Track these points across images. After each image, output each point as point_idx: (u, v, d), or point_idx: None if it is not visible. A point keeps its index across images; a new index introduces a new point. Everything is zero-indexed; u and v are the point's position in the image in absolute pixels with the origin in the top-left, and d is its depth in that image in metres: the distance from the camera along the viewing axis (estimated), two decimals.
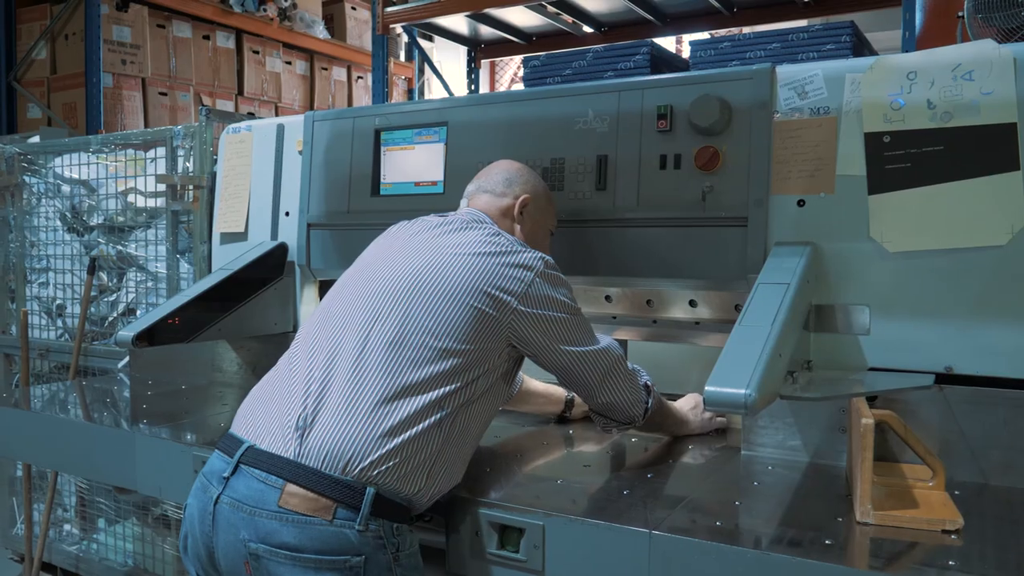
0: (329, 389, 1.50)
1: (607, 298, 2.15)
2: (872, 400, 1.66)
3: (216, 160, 2.83)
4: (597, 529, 1.39)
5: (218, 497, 1.47)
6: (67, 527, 3.38)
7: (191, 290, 2.33)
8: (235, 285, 2.42)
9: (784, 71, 1.81)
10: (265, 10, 6.78)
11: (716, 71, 1.90)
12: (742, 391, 1.35)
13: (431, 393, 1.47)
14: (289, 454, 1.44)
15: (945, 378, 1.66)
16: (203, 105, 2.75)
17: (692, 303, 2.04)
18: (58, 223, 3.29)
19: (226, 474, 1.47)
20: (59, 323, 3.35)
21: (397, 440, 1.43)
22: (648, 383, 1.77)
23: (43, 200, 3.30)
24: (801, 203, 1.79)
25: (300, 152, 2.53)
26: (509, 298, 1.55)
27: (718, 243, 1.88)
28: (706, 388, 1.38)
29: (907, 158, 1.68)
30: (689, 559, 1.31)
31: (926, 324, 1.67)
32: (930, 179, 1.66)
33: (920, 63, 1.68)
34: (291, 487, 1.41)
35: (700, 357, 2.12)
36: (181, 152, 2.88)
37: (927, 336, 1.67)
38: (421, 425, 1.45)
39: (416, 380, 1.47)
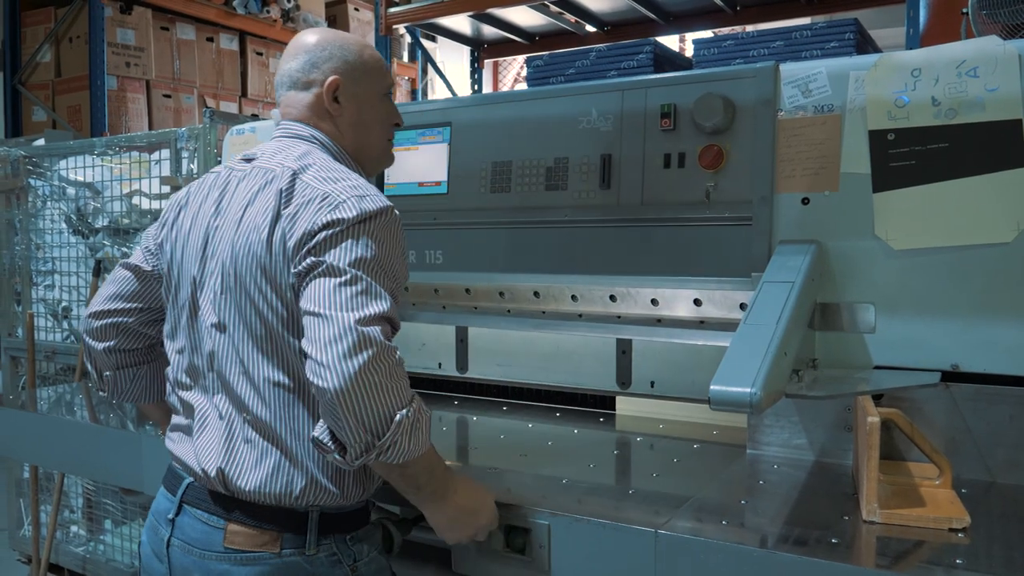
0: (228, 416, 1.44)
1: (611, 297, 2.14)
2: (878, 398, 1.65)
3: (220, 162, 2.84)
4: (603, 529, 1.39)
5: (168, 540, 1.44)
6: (74, 528, 3.38)
7: None
8: None
9: (788, 69, 1.80)
10: (268, 12, 6.79)
11: (719, 69, 1.90)
12: (747, 390, 1.35)
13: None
14: (217, 488, 1.40)
15: (951, 376, 1.65)
16: (207, 107, 2.75)
17: (697, 302, 2.03)
18: (63, 225, 3.30)
19: (171, 515, 1.44)
20: (65, 325, 3.36)
21: (321, 459, 1.37)
22: None
23: (48, 203, 3.31)
24: (805, 201, 1.78)
25: None
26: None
27: (722, 241, 1.87)
28: (711, 387, 1.38)
29: (912, 155, 1.68)
30: (695, 558, 1.30)
31: (932, 322, 1.66)
32: (935, 176, 1.65)
33: (924, 60, 1.67)
34: (233, 526, 1.38)
35: (706, 356, 2.12)
36: (185, 154, 2.88)
37: (933, 334, 1.66)
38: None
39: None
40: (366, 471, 1.42)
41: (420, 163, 2.30)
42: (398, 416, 1.25)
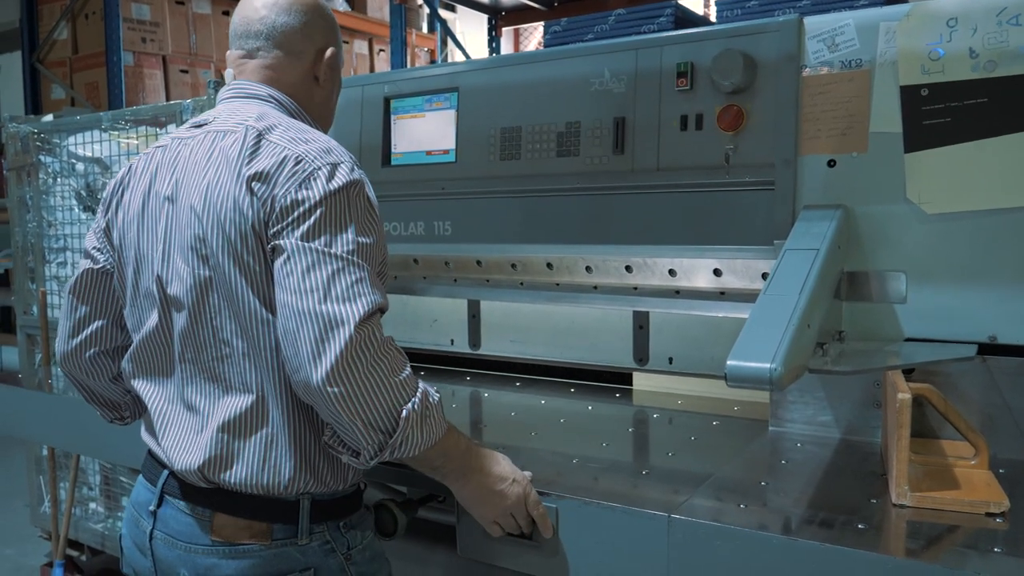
0: (203, 407, 1.36)
1: (627, 268, 2.05)
2: (909, 373, 1.56)
3: None
4: (613, 512, 1.31)
5: (151, 533, 1.37)
6: (92, 505, 3.38)
7: None
8: None
9: (812, 22, 1.69)
10: None
11: (739, 24, 1.78)
12: (766, 365, 1.26)
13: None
14: (200, 481, 1.32)
15: (988, 348, 1.55)
16: (212, 79, 2.67)
17: (717, 272, 1.93)
18: (74, 202, 3.26)
19: (152, 507, 1.37)
20: None
21: (310, 444, 1.32)
22: None
23: (59, 179, 3.27)
24: (832, 163, 1.67)
25: None
26: None
27: (743, 208, 1.77)
28: (728, 362, 1.29)
29: (947, 112, 1.56)
30: (710, 544, 1.22)
31: (967, 291, 1.55)
32: (972, 134, 1.54)
33: (961, 8, 1.55)
34: (220, 517, 1.31)
35: (727, 330, 2.02)
36: None
37: (968, 303, 1.56)
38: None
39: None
40: None
41: (427, 131, 2.21)
42: (404, 411, 1.20)
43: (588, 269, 2.10)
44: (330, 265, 1.21)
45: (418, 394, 1.23)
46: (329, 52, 1.48)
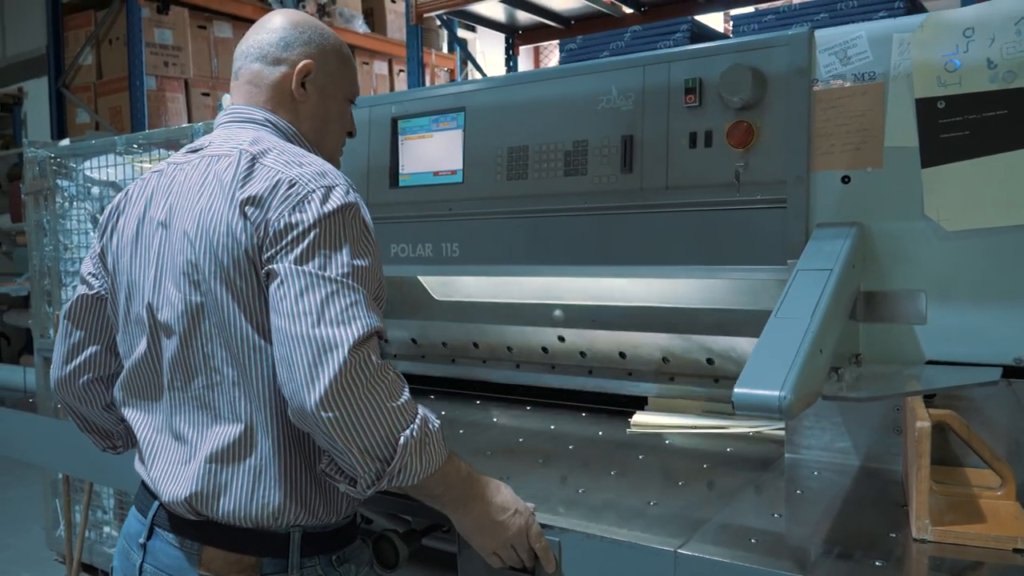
0: (191, 437, 1.32)
1: (620, 354, 2.01)
2: (930, 398, 1.49)
3: None
4: (618, 547, 1.25)
5: (141, 566, 1.32)
6: (107, 529, 3.37)
7: None
8: None
9: (824, 35, 1.64)
10: (304, 6, 6.74)
11: (748, 39, 1.74)
12: (775, 393, 1.20)
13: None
14: (188, 513, 1.28)
15: (1014, 371, 1.48)
16: (220, 100, 2.67)
17: (710, 361, 1.89)
18: (89, 225, 3.27)
19: (142, 540, 1.33)
20: None
21: (301, 474, 1.27)
22: None
23: (75, 203, 3.29)
24: (846, 179, 1.62)
25: None
26: None
27: (755, 227, 1.72)
28: (735, 390, 1.23)
29: (965, 125, 1.50)
30: None
31: (991, 310, 1.48)
32: (992, 148, 1.48)
33: (978, 17, 1.49)
34: (209, 551, 1.27)
35: (741, 352, 1.96)
36: None
37: (992, 324, 1.49)
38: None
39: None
40: None
41: (435, 151, 2.18)
42: (402, 438, 1.16)
43: (582, 354, 2.11)
44: (324, 288, 1.17)
45: (417, 420, 1.19)
46: (303, 64, 1.41)
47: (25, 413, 2.38)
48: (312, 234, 1.21)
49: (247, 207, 1.24)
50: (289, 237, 1.21)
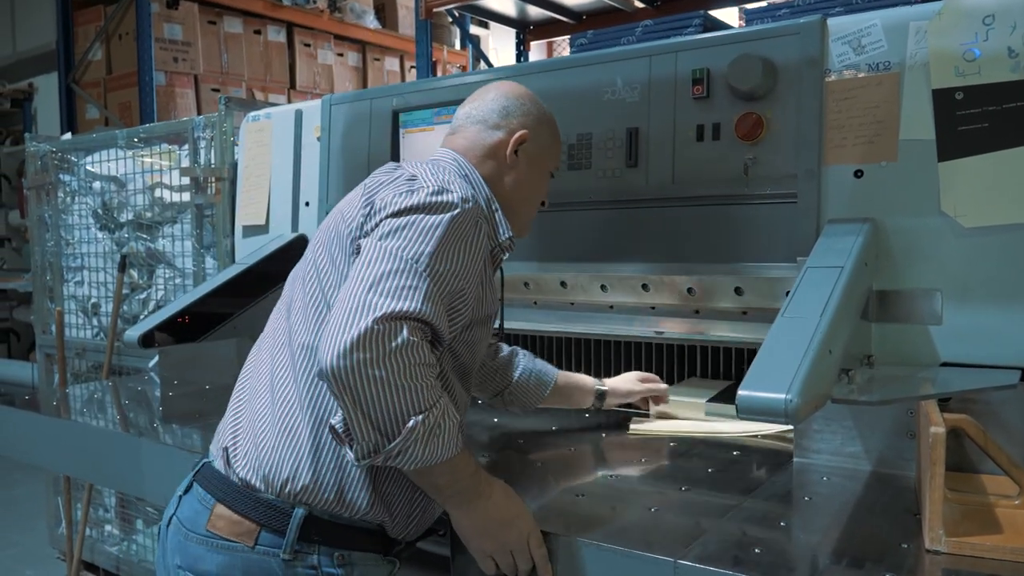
0: (257, 391, 1.36)
1: (644, 287, 1.94)
2: (945, 402, 1.42)
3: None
4: (614, 556, 1.20)
5: (171, 518, 1.34)
6: (108, 528, 3.35)
7: (202, 287, 2.22)
8: (251, 280, 2.30)
9: (837, 23, 1.58)
10: (315, 2, 6.71)
11: (758, 28, 1.68)
12: (781, 396, 1.14)
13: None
14: (221, 468, 1.32)
15: None
16: (222, 96, 2.64)
17: (738, 291, 1.82)
18: (91, 220, 3.24)
19: (180, 492, 1.35)
20: (95, 322, 3.32)
21: (324, 449, 1.25)
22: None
23: (76, 198, 3.26)
24: (859, 174, 1.56)
25: (319, 139, 2.39)
26: None
27: (764, 223, 1.67)
28: (739, 392, 1.18)
29: (984, 117, 1.44)
30: None
31: (1008, 311, 1.43)
32: (1012, 141, 1.42)
33: (999, 4, 1.43)
34: (219, 508, 1.28)
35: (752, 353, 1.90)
36: (203, 143, 2.78)
37: (1010, 325, 1.43)
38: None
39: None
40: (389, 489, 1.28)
41: (436, 144, 2.12)
42: (411, 421, 1.11)
43: (603, 288, 2.00)
44: (391, 263, 1.17)
45: (436, 409, 1.14)
46: (520, 133, 1.46)
47: (24, 412, 2.35)
48: (405, 218, 1.22)
49: (369, 193, 1.31)
50: (385, 213, 1.24)
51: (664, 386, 1.90)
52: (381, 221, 1.23)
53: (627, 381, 1.89)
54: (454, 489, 1.23)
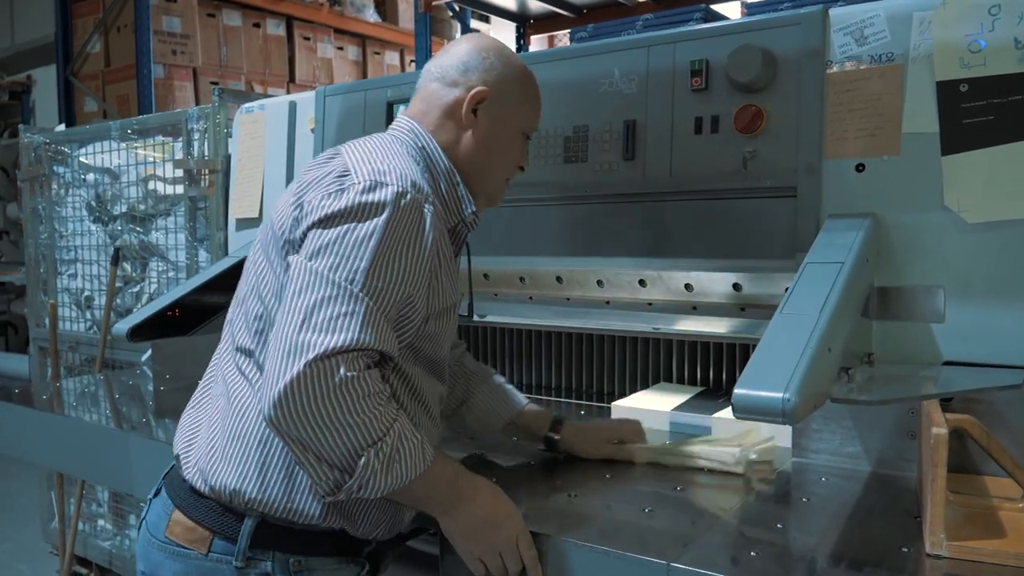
0: (214, 395, 1.33)
1: (640, 282, 1.91)
2: (947, 402, 1.39)
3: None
4: (606, 558, 1.17)
5: (142, 522, 1.33)
6: (101, 523, 3.32)
7: (193, 280, 2.19)
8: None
9: (838, 13, 1.54)
10: None
11: (757, 18, 1.64)
12: (779, 395, 1.11)
13: None
14: (182, 472, 1.28)
15: None
16: (216, 88, 2.61)
17: (736, 286, 1.79)
18: (84, 213, 3.21)
19: (151, 495, 1.33)
20: (88, 315, 3.29)
21: (273, 458, 1.20)
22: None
23: (70, 190, 3.23)
24: (860, 168, 1.53)
25: (313, 130, 2.36)
26: None
27: (763, 217, 1.63)
28: (735, 391, 1.14)
29: (989, 109, 1.40)
30: None
31: (1013, 308, 1.39)
32: (1018, 134, 1.39)
33: None
34: (176, 514, 1.25)
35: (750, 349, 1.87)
36: (196, 135, 2.74)
37: (1014, 323, 1.40)
38: None
39: None
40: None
41: None
42: (362, 458, 1.08)
43: (599, 283, 1.97)
44: (324, 288, 1.10)
45: (389, 437, 1.10)
46: (477, 91, 1.33)
47: (14, 406, 2.32)
48: (334, 230, 1.13)
49: (300, 190, 1.22)
50: (312, 219, 1.15)
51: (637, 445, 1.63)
52: (309, 230, 1.16)
53: (592, 441, 1.61)
54: (433, 500, 1.20)
